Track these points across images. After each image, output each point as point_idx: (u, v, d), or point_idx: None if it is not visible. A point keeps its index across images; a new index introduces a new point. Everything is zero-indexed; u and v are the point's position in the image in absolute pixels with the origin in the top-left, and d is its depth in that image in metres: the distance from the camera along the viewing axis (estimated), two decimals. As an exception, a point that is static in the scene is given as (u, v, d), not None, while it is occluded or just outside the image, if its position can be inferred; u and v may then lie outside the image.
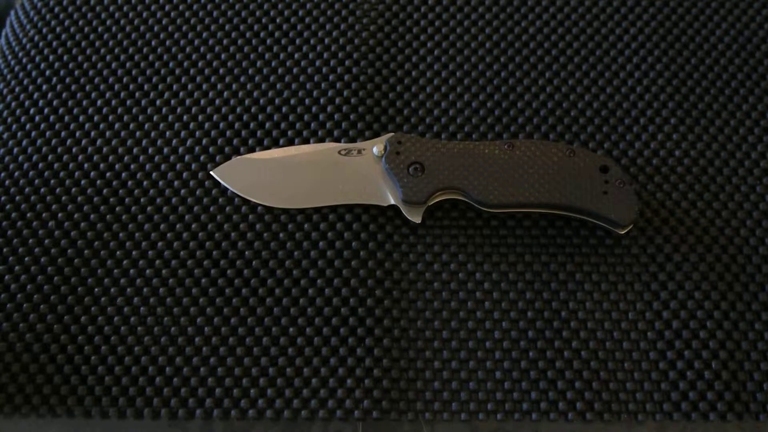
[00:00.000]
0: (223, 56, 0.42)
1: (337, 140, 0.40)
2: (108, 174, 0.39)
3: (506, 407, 0.34)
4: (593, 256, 0.37)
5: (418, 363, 0.35)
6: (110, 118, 0.41)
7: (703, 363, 0.35)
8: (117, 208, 0.38)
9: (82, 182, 0.39)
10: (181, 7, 0.44)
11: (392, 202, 0.37)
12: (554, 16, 0.44)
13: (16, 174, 0.39)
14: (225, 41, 0.43)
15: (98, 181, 0.39)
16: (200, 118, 0.41)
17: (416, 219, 0.37)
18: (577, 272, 0.37)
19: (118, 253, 0.37)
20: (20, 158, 0.39)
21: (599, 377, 0.35)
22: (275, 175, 0.38)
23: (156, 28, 0.43)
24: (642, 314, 0.36)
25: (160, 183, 0.39)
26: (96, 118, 0.41)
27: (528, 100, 0.42)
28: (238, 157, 0.39)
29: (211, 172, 0.39)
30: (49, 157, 0.39)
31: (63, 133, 0.40)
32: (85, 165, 0.39)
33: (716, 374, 0.35)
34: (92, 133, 0.40)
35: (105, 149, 0.40)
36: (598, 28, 0.44)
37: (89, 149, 0.40)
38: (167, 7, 0.44)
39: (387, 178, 0.37)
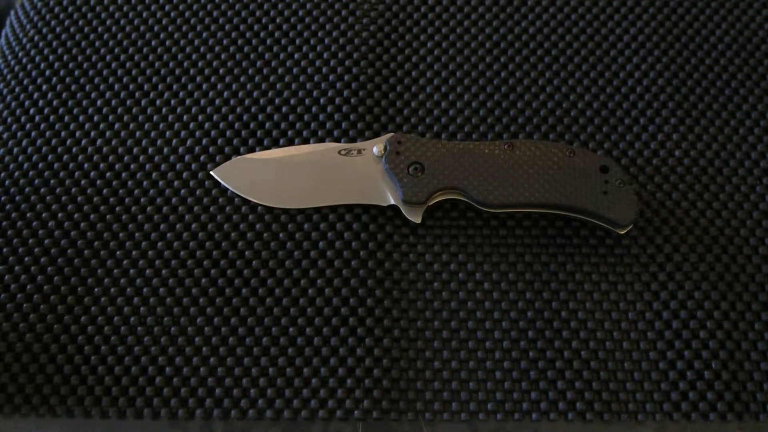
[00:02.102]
0: (223, 56, 0.42)
1: (337, 140, 0.40)
2: (108, 174, 0.39)
3: (506, 407, 0.34)
4: (593, 256, 0.37)
5: (418, 363, 0.35)
6: (110, 118, 0.41)
7: (703, 363, 0.35)
8: (117, 208, 0.38)
9: (82, 182, 0.39)
10: (181, 7, 0.44)
11: (392, 202, 0.37)
12: (554, 16, 0.44)
13: (16, 174, 0.39)
14: (225, 41, 0.43)
15: (98, 181, 0.39)
16: (200, 118, 0.41)
17: (416, 219, 0.37)
18: (577, 272, 0.37)
19: (118, 253, 0.37)
20: (20, 158, 0.40)
21: (599, 377, 0.35)
22: (275, 175, 0.38)
23: (156, 28, 0.43)
24: (642, 314, 0.36)
25: (160, 183, 0.39)
26: (96, 118, 0.41)
27: (528, 100, 0.42)
28: (238, 157, 0.39)
29: (211, 172, 0.39)
30: (49, 157, 0.39)
31: (63, 133, 0.40)
32: (85, 165, 0.39)
33: (716, 374, 0.35)
34: (92, 133, 0.40)
35: (105, 149, 0.40)
36: (598, 28, 0.44)
37: (89, 149, 0.40)
38: (167, 7, 0.44)
39: (387, 178, 0.37)
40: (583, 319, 0.36)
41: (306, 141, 0.40)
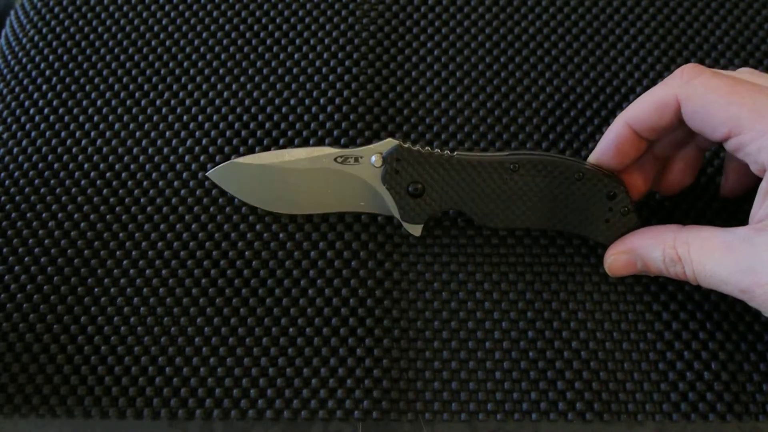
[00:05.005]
0: (223, 56, 0.42)
1: (337, 140, 0.40)
2: (108, 174, 0.39)
3: (506, 407, 0.34)
4: (593, 256, 0.38)
5: (418, 363, 0.35)
6: (110, 118, 0.41)
7: (703, 364, 0.35)
8: (117, 208, 0.38)
9: (82, 182, 0.39)
10: (181, 7, 0.44)
11: (391, 213, 0.37)
12: (554, 17, 0.44)
13: (16, 174, 0.39)
14: (225, 41, 0.43)
15: (98, 181, 0.39)
16: (200, 118, 0.41)
17: (416, 233, 0.37)
18: (576, 273, 0.37)
19: (118, 253, 0.37)
20: (20, 158, 0.40)
21: (599, 377, 0.35)
22: (269, 182, 0.37)
23: (156, 28, 0.43)
24: (641, 315, 0.36)
25: (160, 183, 0.39)
26: (96, 118, 0.41)
27: (528, 100, 0.42)
28: (230, 161, 0.38)
29: (207, 174, 0.38)
30: (49, 157, 0.39)
31: (63, 133, 0.40)
32: (85, 165, 0.39)
33: (716, 375, 0.35)
34: (92, 133, 0.40)
35: (105, 149, 0.40)
36: (598, 28, 0.44)
37: (89, 149, 0.40)
38: (167, 7, 0.44)
39: (385, 191, 0.36)
40: (582, 320, 0.36)
41: (306, 141, 0.40)
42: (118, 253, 0.37)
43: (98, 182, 0.39)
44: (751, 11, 0.45)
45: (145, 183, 0.39)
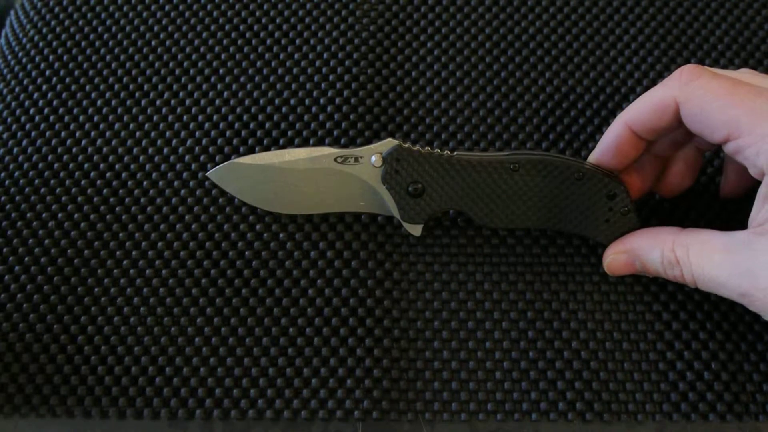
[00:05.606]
0: (223, 56, 0.42)
1: (337, 140, 0.40)
2: (108, 174, 0.39)
3: (506, 407, 0.34)
4: (593, 256, 0.38)
5: (418, 363, 0.35)
6: (110, 118, 0.41)
7: (703, 364, 0.35)
8: (117, 208, 0.38)
9: (82, 182, 0.39)
10: (181, 7, 0.44)
11: (391, 213, 0.37)
12: (554, 16, 0.44)
13: (16, 174, 0.39)
14: (225, 41, 0.43)
15: (98, 181, 0.39)
16: (200, 118, 0.41)
17: (416, 233, 0.37)
18: (577, 273, 0.37)
19: (118, 253, 0.37)
20: (20, 158, 0.40)
21: (599, 377, 0.35)
22: (269, 182, 0.37)
23: (156, 28, 0.43)
24: (642, 315, 0.36)
25: (160, 183, 0.39)
26: (96, 118, 0.41)
27: (528, 100, 0.42)
28: (230, 161, 0.38)
29: (207, 174, 0.38)
30: (49, 157, 0.39)
31: (63, 133, 0.40)
32: (85, 165, 0.39)
33: (716, 375, 0.35)
34: (92, 133, 0.40)
35: (105, 149, 0.40)
36: (598, 28, 0.44)
37: (89, 149, 0.40)
38: (167, 7, 0.44)
39: (386, 191, 0.36)
40: (582, 320, 0.36)
41: (306, 141, 0.40)
42: (118, 253, 0.37)
43: (98, 182, 0.39)
44: (751, 11, 0.45)
45: (145, 183, 0.39)
